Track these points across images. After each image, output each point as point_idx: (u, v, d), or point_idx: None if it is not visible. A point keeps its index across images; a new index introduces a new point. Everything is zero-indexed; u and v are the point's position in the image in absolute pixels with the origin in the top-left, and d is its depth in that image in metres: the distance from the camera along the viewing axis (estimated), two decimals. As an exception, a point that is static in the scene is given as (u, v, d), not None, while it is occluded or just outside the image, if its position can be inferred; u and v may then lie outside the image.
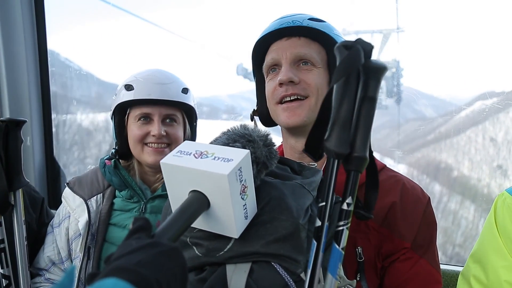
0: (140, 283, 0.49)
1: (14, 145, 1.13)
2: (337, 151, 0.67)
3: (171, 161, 0.73)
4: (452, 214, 2.86)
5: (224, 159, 0.71)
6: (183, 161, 0.72)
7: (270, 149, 0.85)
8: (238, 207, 0.72)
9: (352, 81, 0.67)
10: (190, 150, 0.74)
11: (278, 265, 0.78)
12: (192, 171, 0.70)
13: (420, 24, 2.33)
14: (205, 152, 0.73)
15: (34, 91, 2.19)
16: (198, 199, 0.70)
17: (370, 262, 1.02)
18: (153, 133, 1.36)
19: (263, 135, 0.87)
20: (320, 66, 1.07)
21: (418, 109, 2.72)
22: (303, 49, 1.07)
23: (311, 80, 1.05)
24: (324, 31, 1.06)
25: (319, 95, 1.05)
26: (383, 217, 1.03)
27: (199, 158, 0.72)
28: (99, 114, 3.04)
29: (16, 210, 1.15)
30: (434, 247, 1.08)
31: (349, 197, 0.69)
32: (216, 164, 0.70)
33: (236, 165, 0.70)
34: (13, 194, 1.15)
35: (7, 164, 1.12)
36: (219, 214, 0.72)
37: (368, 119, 0.68)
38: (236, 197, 0.71)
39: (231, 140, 0.83)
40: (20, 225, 1.15)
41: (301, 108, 1.05)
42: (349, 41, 0.67)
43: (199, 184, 0.71)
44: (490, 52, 2.20)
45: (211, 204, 0.71)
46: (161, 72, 1.46)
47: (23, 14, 2.09)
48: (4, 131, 1.11)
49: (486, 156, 2.54)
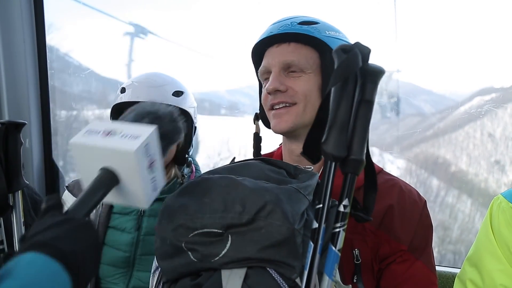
0: (57, 255, 0.53)
1: (13, 147, 1.13)
2: (334, 154, 0.68)
3: (80, 141, 0.74)
4: (449, 207, 2.88)
5: (132, 136, 0.73)
6: (92, 140, 0.73)
7: (175, 124, 0.88)
8: (146, 181, 0.75)
9: (349, 84, 0.68)
10: (98, 128, 0.75)
11: (274, 271, 0.77)
12: (101, 149, 0.72)
13: (419, 19, 2.32)
14: (113, 130, 0.75)
15: (33, 94, 2.19)
16: (108, 176, 0.73)
17: (367, 264, 1.03)
18: None
19: (169, 112, 0.88)
20: (310, 71, 1.07)
21: (417, 104, 2.73)
22: (292, 55, 1.07)
23: (298, 87, 1.06)
24: (313, 35, 1.06)
25: (308, 101, 1.06)
26: (380, 219, 1.03)
27: (108, 136, 0.74)
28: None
29: (15, 211, 1.16)
30: (430, 249, 1.09)
31: (345, 199, 0.70)
32: (124, 141, 0.72)
33: (143, 142, 0.72)
34: (13, 196, 1.16)
35: (7, 166, 1.12)
36: (129, 188, 0.75)
37: (365, 122, 0.69)
38: (144, 171, 0.73)
39: (139, 116, 0.84)
40: (19, 226, 1.15)
41: (288, 114, 1.07)
42: (347, 44, 0.68)
43: (108, 161, 0.73)
44: (490, 48, 2.20)
45: (121, 179, 0.74)
46: (156, 75, 1.47)
47: (23, 17, 2.08)
48: (3, 133, 1.11)
49: (484, 151, 2.55)
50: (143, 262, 1.37)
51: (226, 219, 0.78)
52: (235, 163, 0.99)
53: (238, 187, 0.81)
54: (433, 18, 2.31)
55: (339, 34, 1.12)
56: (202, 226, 0.79)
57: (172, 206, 0.84)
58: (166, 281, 0.85)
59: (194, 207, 0.81)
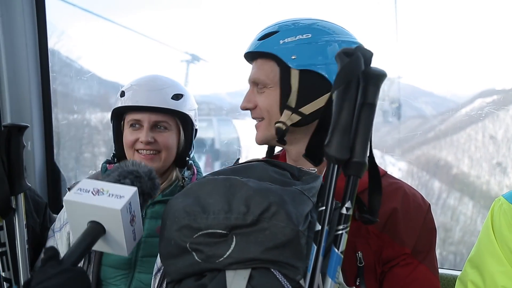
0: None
1: (16, 150, 1.14)
2: (337, 156, 0.68)
3: (73, 198, 0.88)
4: (451, 210, 2.88)
5: (117, 195, 0.88)
6: (83, 198, 0.88)
7: (153, 182, 1.02)
8: (128, 232, 0.88)
9: (352, 88, 0.69)
10: (88, 187, 0.89)
11: (278, 272, 0.78)
12: (91, 207, 0.86)
13: (420, 21, 2.32)
14: (101, 190, 0.89)
15: (35, 97, 2.19)
16: (96, 228, 0.86)
17: (370, 267, 1.03)
18: (141, 139, 1.37)
19: (148, 170, 1.02)
20: (271, 85, 1.08)
21: (418, 106, 2.73)
22: (256, 73, 1.11)
23: (261, 103, 1.10)
24: (265, 51, 1.07)
25: (271, 116, 1.09)
26: (383, 222, 1.03)
27: (97, 195, 0.88)
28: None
29: (17, 214, 1.16)
30: (433, 253, 1.09)
31: (348, 201, 0.71)
32: (111, 200, 0.87)
33: (127, 201, 0.86)
34: (15, 198, 1.16)
35: (9, 169, 1.12)
36: (113, 238, 0.89)
37: (368, 125, 0.70)
38: (127, 225, 0.87)
39: (122, 176, 0.98)
40: (21, 228, 1.16)
41: (259, 129, 1.14)
42: (349, 48, 0.68)
43: (96, 216, 0.87)
44: (491, 50, 2.20)
45: (106, 231, 0.88)
46: (155, 78, 1.46)
47: (25, 21, 2.09)
48: (6, 136, 1.12)
49: (485, 153, 2.55)
50: (145, 264, 1.37)
51: (230, 219, 0.79)
52: (238, 164, 1.00)
53: (243, 188, 0.81)
54: (434, 20, 2.31)
55: (304, 36, 1.06)
56: (207, 227, 0.80)
57: (176, 207, 0.85)
58: (170, 281, 0.86)
59: (198, 208, 0.82)
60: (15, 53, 2.10)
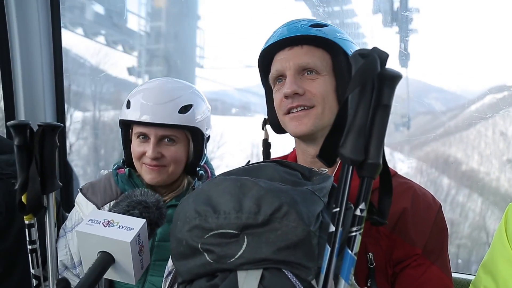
0: None
1: (49, 149, 1.14)
2: (352, 157, 0.68)
3: (85, 230, 0.94)
4: (460, 206, 2.86)
5: (127, 227, 0.94)
6: (94, 229, 0.93)
7: (160, 211, 1.09)
8: (136, 262, 0.94)
9: (367, 89, 0.68)
10: (99, 219, 0.95)
11: (289, 272, 0.78)
12: (102, 238, 0.92)
13: (431, 16, 2.30)
14: (112, 221, 0.95)
15: (48, 96, 2.22)
16: (106, 258, 0.92)
17: (381, 268, 1.03)
18: (147, 154, 1.35)
19: (156, 200, 1.08)
20: (325, 73, 1.07)
21: (428, 102, 2.71)
22: (306, 58, 1.07)
23: (316, 89, 1.06)
24: (326, 37, 1.06)
25: (326, 104, 1.06)
26: (394, 223, 1.03)
27: (107, 227, 0.94)
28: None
29: (48, 212, 1.17)
30: (445, 254, 1.08)
31: (362, 202, 0.70)
32: (121, 232, 0.93)
33: (136, 233, 0.93)
34: (47, 197, 1.17)
35: (42, 168, 1.13)
36: (122, 268, 0.94)
37: (382, 126, 0.69)
38: (135, 255, 0.93)
39: (131, 207, 1.05)
40: (51, 227, 1.17)
41: (307, 117, 1.07)
42: (365, 49, 0.67)
43: (107, 247, 0.92)
44: (502, 46, 2.18)
45: (116, 260, 0.93)
46: (164, 87, 1.40)
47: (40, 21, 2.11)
48: (40, 136, 1.12)
49: (496, 150, 2.53)
50: (157, 267, 1.36)
51: (241, 219, 0.79)
52: (250, 165, 1.00)
53: (254, 188, 0.81)
54: (444, 14, 2.28)
55: (346, 36, 1.12)
56: (218, 227, 0.80)
57: (187, 208, 0.85)
58: (182, 282, 0.86)
59: (209, 208, 0.82)
60: (29, 53, 2.13)
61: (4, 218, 1.51)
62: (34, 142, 1.12)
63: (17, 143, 1.10)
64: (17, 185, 1.11)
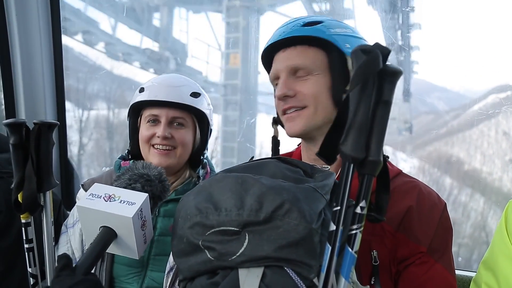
0: None
1: (45, 147, 1.14)
2: (353, 155, 0.67)
3: (86, 205, 0.91)
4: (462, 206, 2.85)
5: (128, 202, 0.91)
6: (95, 204, 0.91)
7: (163, 184, 1.07)
8: (139, 237, 0.93)
9: (368, 86, 0.67)
10: (100, 193, 0.93)
11: (291, 270, 0.77)
12: (104, 213, 0.90)
13: (435, 16, 2.29)
14: (113, 195, 0.93)
15: (49, 93, 2.22)
16: (108, 233, 0.91)
17: (385, 266, 1.02)
18: (158, 134, 1.38)
19: (158, 173, 1.06)
20: (317, 72, 1.07)
21: (431, 102, 2.70)
22: (298, 59, 1.07)
23: (307, 90, 1.07)
24: (318, 36, 1.05)
25: (318, 103, 1.06)
26: (399, 221, 1.03)
27: (108, 201, 0.92)
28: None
29: (45, 211, 1.17)
30: (449, 252, 1.08)
31: (362, 200, 0.69)
32: (122, 207, 0.90)
33: (138, 208, 0.91)
34: (43, 195, 1.17)
35: (38, 166, 1.13)
36: (124, 242, 0.93)
37: (383, 123, 0.68)
38: (138, 230, 0.92)
39: (133, 180, 1.02)
40: (48, 225, 1.17)
41: (299, 118, 1.08)
42: (367, 45, 0.66)
43: (108, 222, 0.91)
44: (505, 45, 2.17)
45: (118, 235, 0.92)
46: (175, 76, 1.48)
47: (40, 19, 2.11)
48: (36, 133, 1.12)
49: (498, 150, 2.52)
50: (157, 262, 1.37)
51: (242, 216, 0.78)
52: (252, 161, 0.99)
53: (255, 185, 0.81)
54: (447, 13, 2.27)
55: (347, 30, 1.09)
56: (219, 224, 0.79)
57: (188, 205, 0.84)
58: (183, 279, 0.85)
59: (210, 205, 0.81)
60: (29, 51, 2.14)
61: (4, 216, 1.51)
62: (30, 140, 1.12)
63: (12, 141, 1.10)
64: (13, 184, 1.11)
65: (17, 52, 2.09)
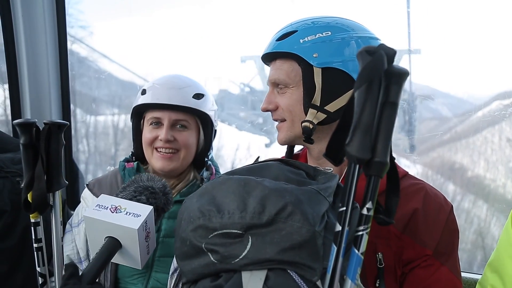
0: None
1: (55, 148, 1.15)
2: (358, 156, 0.66)
3: (93, 215, 0.94)
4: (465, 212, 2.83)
5: (134, 214, 0.94)
6: (102, 215, 0.94)
7: (167, 197, 1.10)
8: (143, 247, 0.96)
9: (374, 87, 0.67)
10: (106, 204, 0.96)
11: (294, 273, 0.77)
12: (110, 224, 0.93)
13: (436, 20, 2.29)
14: (119, 207, 0.96)
15: (54, 95, 2.24)
16: (113, 243, 0.93)
17: (390, 268, 1.02)
18: (160, 137, 1.37)
19: (162, 185, 1.09)
20: (293, 85, 1.08)
21: (434, 107, 2.69)
22: (275, 74, 1.11)
23: (283, 103, 1.10)
24: (285, 51, 1.06)
25: (294, 116, 1.09)
26: (405, 223, 1.02)
27: (115, 213, 0.94)
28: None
29: (54, 210, 1.18)
30: (455, 255, 1.07)
31: (369, 202, 0.69)
32: (128, 218, 0.93)
33: (143, 220, 0.93)
34: (52, 195, 1.18)
35: (48, 166, 1.13)
36: (128, 253, 0.95)
37: (389, 124, 0.68)
38: (142, 241, 0.94)
39: (138, 192, 1.04)
40: (57, 225, 1.18)
41: (281, 129, 1.14)
42: (372, 46, 0.67)
43: (114, 232, 0.93)
44: (510, 51, 2.17)
45: (123, 245, 0.94)
46: (178, 77, 1.46)
47: (46, 21, 2.13)
48: (46, 134, 1.13)
49: (502, 156, 2.51)
50: (162, 263, 1.36)
51: (245, 219, 0.78)
52: (255, 163, 0.99)
53: (258, 187, 0.80)
54: (450, 18, 2.28)
55: (322, 34, 1.05)
56: (222, 227, 0.79)
57: (191, 207, 0.84)
58: (186, 282, 0.85)
59: (213, 207, 0.81)
60: (35, 52, 2.15)
61: (9, 216, 1.51)
62: (40, 140, 1.12)
63: (23, 141, 1.11)
64: (23, 183, 1.11)
65: (23, 53, 2.10)
